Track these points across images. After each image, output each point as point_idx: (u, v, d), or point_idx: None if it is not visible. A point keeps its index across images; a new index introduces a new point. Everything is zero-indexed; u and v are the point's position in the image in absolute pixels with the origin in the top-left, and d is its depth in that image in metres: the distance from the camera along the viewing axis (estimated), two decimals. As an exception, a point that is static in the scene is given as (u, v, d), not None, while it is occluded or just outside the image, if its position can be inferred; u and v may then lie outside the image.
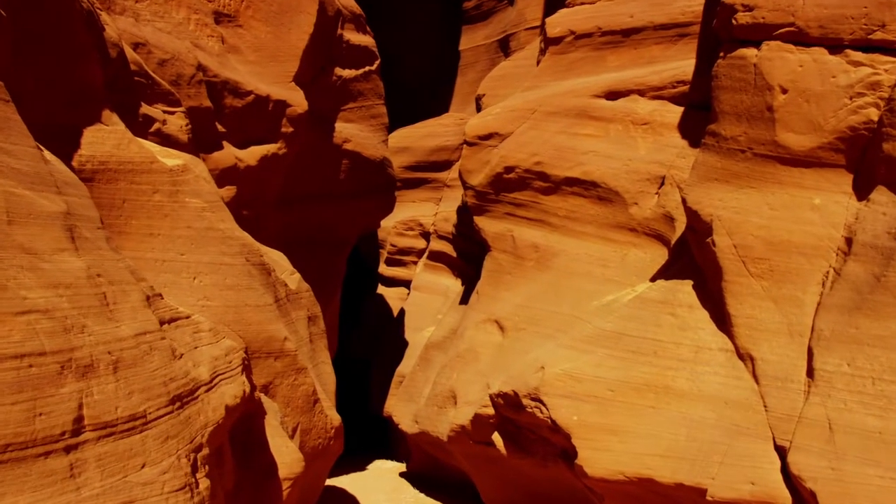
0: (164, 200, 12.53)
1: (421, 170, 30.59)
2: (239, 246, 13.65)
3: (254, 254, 14.16)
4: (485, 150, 21.07)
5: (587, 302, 18.42)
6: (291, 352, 14.09)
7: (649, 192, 18.86)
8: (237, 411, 10.16)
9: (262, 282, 14.07)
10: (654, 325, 14.77)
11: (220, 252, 13.11)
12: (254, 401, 12.04)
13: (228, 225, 13.70)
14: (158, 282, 11.91)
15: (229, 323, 12.70)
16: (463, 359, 20.44)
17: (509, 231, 20.70)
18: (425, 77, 34.47)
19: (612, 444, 14.08)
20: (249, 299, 13.32)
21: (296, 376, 14.17)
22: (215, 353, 9.96)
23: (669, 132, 19.00)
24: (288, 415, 13.96)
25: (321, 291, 23.63)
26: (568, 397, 15.08)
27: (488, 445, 19.01)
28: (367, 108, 24.05)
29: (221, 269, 13.00)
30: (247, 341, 12.94)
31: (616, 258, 19.04)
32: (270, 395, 13.59)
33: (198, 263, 12.63)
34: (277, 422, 13.15)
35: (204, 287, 12.53)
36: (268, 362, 13.48)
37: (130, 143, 12.28)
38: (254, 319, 13.24)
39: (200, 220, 12.97)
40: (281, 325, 14.12)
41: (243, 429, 12.16)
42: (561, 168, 19.79)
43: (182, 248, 12.53)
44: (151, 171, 12.41)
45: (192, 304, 12.25)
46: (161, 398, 7.41)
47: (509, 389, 17.09)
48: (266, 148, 19.70)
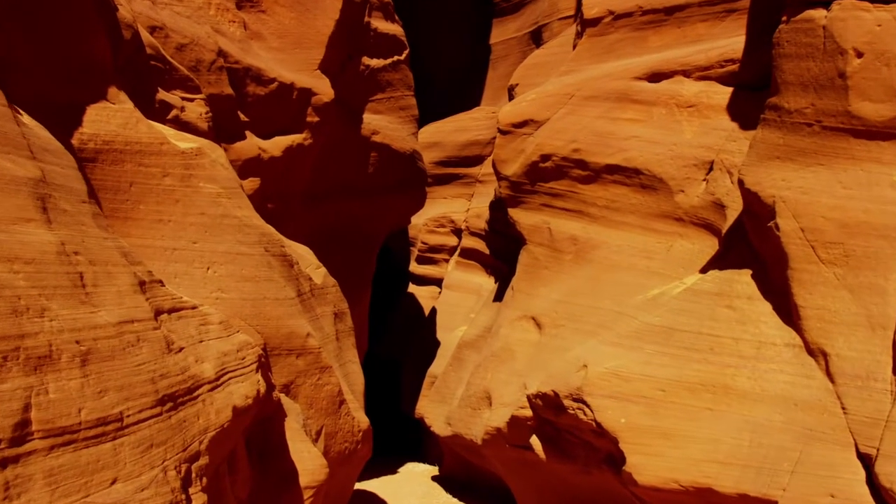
0: (176, 184, 11.32)
1: (452, 165, 29.24)
2: (257, 235, 12.39)
3: (274, 244, 12.90)
4: (519, 139, 19.65)
5: (630, 296, 16.92)
6: (315, 349, 12.79)
7: (696, 178, 17.30)
8: (250, 413, 8.87)
9: (282, 274, 12.80)
10: (710, 319, 13.23)
11: (236, 241, 11.87)
12: (272, 402, 10.75)
13: (246, 213, 12.46)
14: (168, 272, 10.69)
15: (246, 317, 11.43)
16: (498, 358, 19.03)
17: (546, 223, 19.26)
18: (455, 72, 33.13)
19: (664, 450, 12.57)
20: (269, 292, 12.05)
21: (320, 375, 12.88)
22: (225, 349, 8.68)
23: (717, 114, 17.42)
24: (311, 417, 12.66)
25: (350, 289, 22.40)
26: (614, 398, 13.60)
27: (525, 449, 17.57)
28: (395, 100, 22.77)
29: (238, 258, 11.74)
30: (265, 337, 11.67)
31: (661, 250, 17.50)
32: (292, 396, 12.30)
33: (212, 253, 11.40)
34: (299, 424, 11.85)
35: (218, 278, 11.28)
36: (289, 360, 12.20)
37: (139, 122, 11.09)
38: (273, 314, 11.96)
39: (215, 206, 11.74)
40: (303, 321, 12.84)
41: (260, 432, 10.89)
42: (601, 155, 18.31)
43: (195, 235, 11.30)
44: (161, 153, 11.20)
45: (206, 296, 11.01)
46: (146, 398, 6.12)
47: (549, 390, 15.64)
48: (291, 138, 18.49)
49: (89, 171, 10.02)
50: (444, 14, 32.75)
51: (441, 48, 33.00)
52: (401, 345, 28.71)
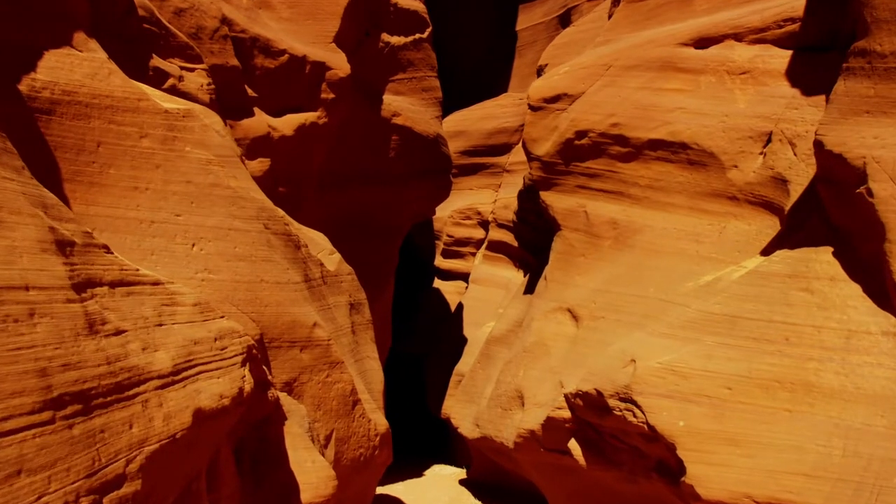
0: (156, 147, 9.29)
1: (478, 154, 27.08)
2: (255, 209, 10.33)
3: (276, 220, 10.83)
4: (552, 115, 17.44)
5: (678, 284, 14.62)
6: (323, 341, 10.70)
7: (752, 151, 14.95)
8: (230, 416, 6.79)
9: (285, 255, 10.73)
10: (783, 305, 10.91)
11: (229, 214, 9.81)
12: (266, 402, 8.66)
13: (243, 184, 10.40)
14: (143, 248, 8.65)
15: (238, 302, 9.36)
16: (530, 353, 16.81)
17: (582, 206, 17.02)
18: (480, 62, 30.98)
19: (733, 458, 10.27)
20: (267, 274, 9.98)
21: (329, 372, 10.77)
22: (196, 336, 6.61)
23: (775, 80, 15.07)
24: (319, 419, 10.55)
25: (371, 283, 20.34)
26: (670, 397, 11.33)
27: (563, 454, 15.32)
28: (418, 80, 20.66)
29: (231, 235, 9.69)
30: (262, 326, 9.59)
31: (712, 232, 15.17)
32: (295, 395, 10.21)
33: (199, 227, 9.35)
34: (303, 429, 9.75)
35: (205, 256, 9.23)
36: (291, 354, 10.11)
37: (111, 74, 9.08)
38: (272, 299, 9.88)
39: (205, 174, 9.70)
40: (310, 309, 10.75)
41: (255, 438, 8.79)
42: (643, 129, 16.04)
43: (178, 207, 9.26)
44: (139, 111, 9.18)
45: (189, 276, 8.96)
46: (23, 398, 4.05)
47: (590, 388, 13.39)
48: (304, 116, 16.46)
49: (43, 126, 8.03)
50: (468, 1, 30.62)
51: (465, 37, 30.87)
52: (426, 342, 26.66)
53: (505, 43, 30.84)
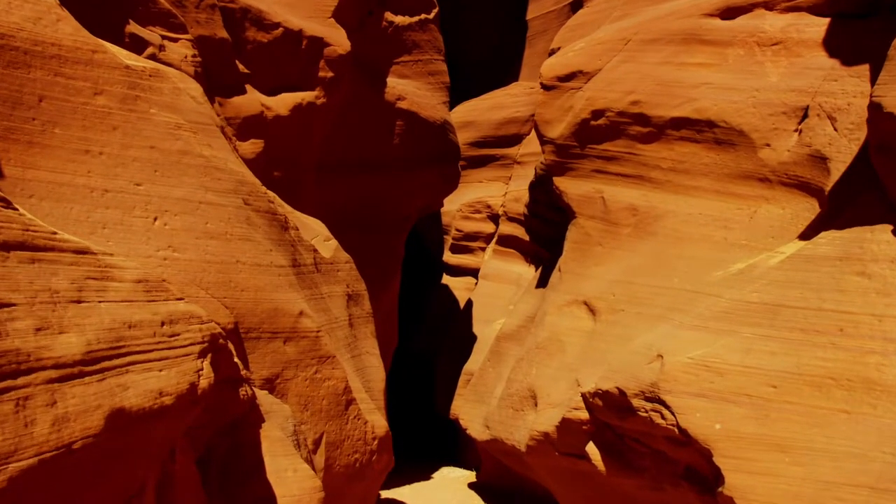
0: (114, 107, 7.86)
1: (488, 146, 25.57)
2: (233, 182, 8.88)
3: (258, 196, 9.37)
4: (566, 95, 15.92)
5: (706, 273, 13.07)
6: (310, 332, 9.22)
7: (786, 129, 13.38)
8: (178, 418, 5.34)
9: (269, 235, 9.27)
10: (835, 292, 9.35)
11: (200, 186, 8.36)
12: (237, 401, 7.19)
13: (220, 154, 8.95)
14: (93, 220, 7.21)
15: (209, 285, 7.90)
16: (544, 350, 15.29)
17: (598, 192, 15.49)
18: (490, 52, 29.49)
19: (781, 467, 8.71)
20: (245, 254, 8.52)
21: (318, 367, 9.30)
22: (133, 318, 5.17)
23: (811, 51, 13.50)
24: (306, 421, 9.08)
25: (376, 276, 18.90)
26: (704, 396, 9.78)
27: (579, 458, 13.80)
28: (424, 63, 19.20)
29: (201, 209, 8.24)
30: (237, 314, 8.13)
31: (741, 217, 13.61)
32: (278, 394, 8.73)
33: (162, 199, 7.91)
34: (286, 432, 8.27)
35: (170, 232, 7.78)
36: (273, 346, 8.64)
37: (60, 21, 7.65)
38: (250, 283, 8.42)
39: (172, 139, 8.25)
40: (297, 296, 9.28)
41: (226, 445, 7.32)
42: (665, 107, 14.50)
43: (138, 175, 7.82)
44: (94, 64, 7.75)
45: (148, 254, 7.51)
46: None
47: (611, 387, 11.86)
48: (300, 95, 15.03)
49: None
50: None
51: (474, 27, 29.39)
52: (434, 340, 25.20)
53: (515, 33, 29.35)
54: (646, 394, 10.78)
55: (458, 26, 27.85)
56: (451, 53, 24.62)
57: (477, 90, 27.44)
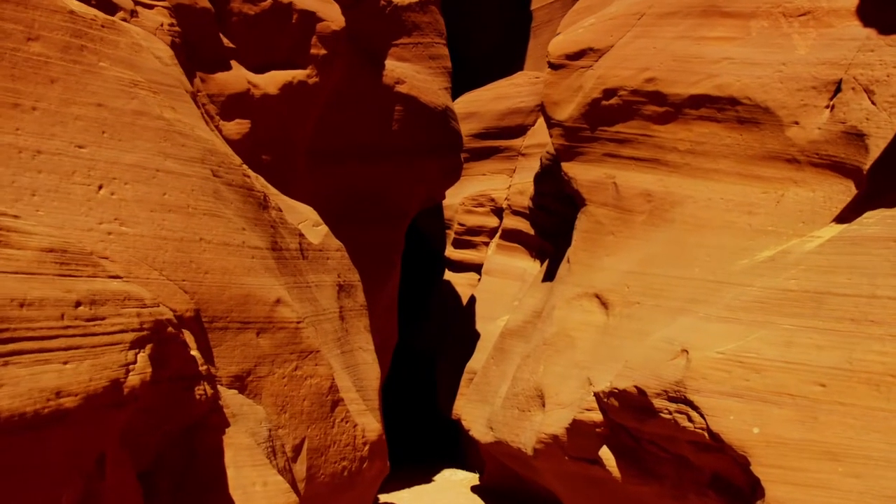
0: (53, 56, 6.53)
1: (491, 137, 24.23)
2: (200, 150, 7.54)
3: (231, 169, 8.03)
4: (575, 74, 14.57)
5: (730, 262, 11.71)
6: (289, 323, 7.87)
7: (816, 104, 12.01)
8: (91, 424, 4.00)
9: (242, 212, 7.93)
10: (891, 276, 7.96)
11: (159, 152, 7.02)
12: (192, 402, 5.83)
13: (185, 119, 7.61)
14: (21, 185, 5.88)
15: (165, 265, 6.55)
16: (552, 346, 13.94)
17: (610, 177, 14.14)
18: (494, 44, 28.17)
19: (833, 478, 7.33)
20: (211, 232, 7.17)
21: (298, 363, 7.95)
22: (31, 295, 3.85)
23: (842, 21, 12.15)
24: (284, 425, 7.72)
25: (375, 270, 17.56)
26: (738, 396, 8.41)
27: (591, 463, 12.45)
28: (424, 46, 17.87)
29: (159, 177, 6.90)
30: (200, 299, 6.78)
31: (767, 201, 12.25)
32: (250, 393, 7.38)
33: (111, 164, 6.57)
34: (259, 439, 6.91)
35: (117, 202, 6.44)
36: (243, 338, 7.29)
37: (-11, -47, 6.32)
38: (216, 265, 7.07)
39: (126, 98, 6.92)
40: (274, 282, 7.93)
41: (179, 454, 5.97)
42: (683, 84, 13.15)
43: (82, 136, 6.49)
44: (27, 5, 6.42)
45: (89, 227, 6.17)
46: None
47: (629, 385, 10.49)
48: (291, 74, 13.69)
49: None
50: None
51: (478, 18, 28.08)
52: (436, 337, 23.87)
53: (519, 24, 28.03)
54: (669, 393, 9.41)
55: (461, 17, 26.56)
56: (455, 44, 23.35)
57: (481, 82, 26.12)
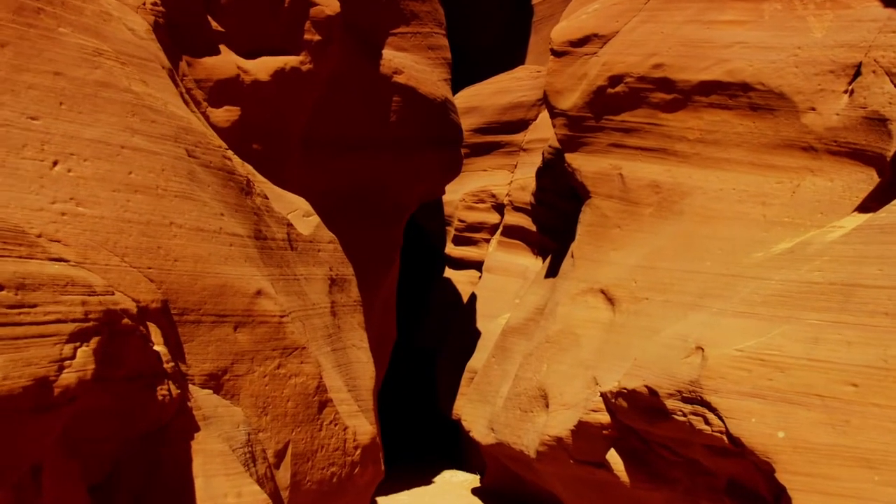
0: (3, 18, 5.79)
1: (492, 132, 23.46)
2: (173, 128, 6.79)
3: (209, 150, 7.28)
4: (579, 61, 13.83)
5: (744, 255, 10.98)
6: (271, 317, 7.12)
7: (834, 89, 11.27)
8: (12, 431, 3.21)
9: (222, 196, 7.18)
10: (928, 265, 7.22)
11: (125, 127, 6.27)
12: (153, 405, 5.08)
13: (158, 94, 6.86)
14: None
15: (128, 250, 5.80)
16: (556, 344, 13.19)
17: (616, 168, 13.40)
18: (495, 39, 27.42)
19: (869, 488, 6.57)
20: (183, 216, 6.42)
21: (281, 361, 7.19)
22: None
23: (861, 2, 11.41)
24: (265, 428, 6.97)
25: (372, 266, 16.82)
26: (760, 397, 7.65)
27: (598, 467, 11.70)
28: (423, 36, 17.14)
29: (123, 155, 6.15)
30: (169, 289, 6.03)
31: (782, 192, 11.52)
32: (226, 393, 6.62)
33: (68, 139, 5.83)
34: (235, 444, 6.16)
35: (74, 181, 5.70)
36: (218, 333, 6.53)
37: None
38: (188, 252, 6.32)
39: (88, 67, 6.18)
40: (254, 272, 7.18)
41: (138, 463, 5.22)
42: (692, 70, 12.41)
43: (35, 106, 5.75)
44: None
45: (39, 207, 5.43)
46: None
47: (639, 385, 9.74)
48: (283, 60, 12.96)
49: None
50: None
51: (478, 12, 27.32)
52: (436, 336, 23.09)
53: (520, 19, 27.28)
54: (683, 393, 8.65)
55: (462, 11, 25.82)
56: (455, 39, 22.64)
57: (481, 78, 25.37)
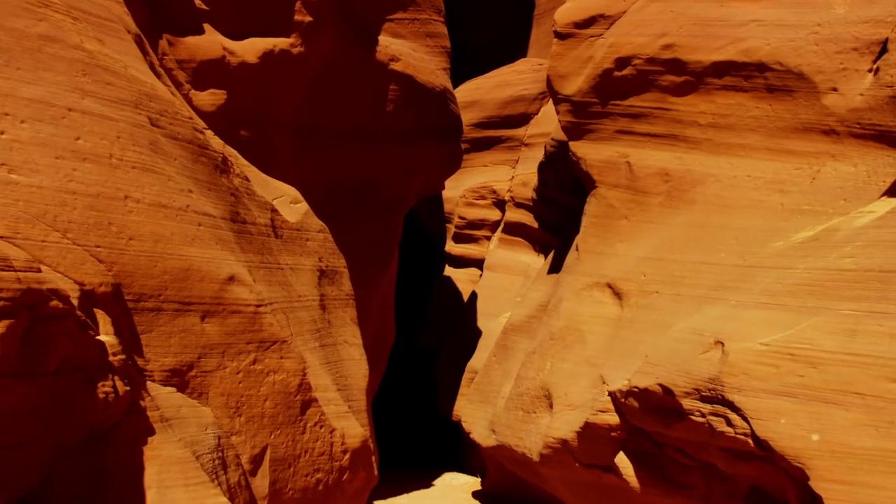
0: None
1: (493, 127, 22.61)
2: (133, 93, 5.95)
3: (175, 119, 6.43)
4: (585, 43, 13.00)
5: (761, 245, 10.13)
6: (245, 306, 6.27)
7: (858, 68, 10.43)
8: None
9: (188, 171, 6.33)
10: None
11: (72, 87, 5.44)
12: (91, 404, 4.22)
13: (115, 55, 6.02)
14: None
15: (72, 226, 4.97)
16: (560, 342, 12.34)
17: (623, 156, 12.57)
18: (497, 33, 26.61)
19: (920, 498, 5.70)
20: (141, 189, 5.58)
21: (257, 355, 6.34)
22: None
23: (886, -25, 10.55)
24: (240, 431, 6.11)
25: (370, 262, 15.99)
26: (790, 395, 6.79)
27: (606, 471, 10.84)
28: (421, 23, 16.31)
29: (70, 118, 5.32)
30: (121, 271, 5.19)
31: (801, 178, 10.67)
32: (193, 391, 5.77)
33: (2, 97, 4.98)
34: (202, 449, 5.32)
35: (8, 146, 4.87)
36: (183, 322, 5.68)
37: None
38: (145, 229, 5.48)
39: (31, 19, 5.35)
40: (227, 256, 6.33)
41: (75, 473, 4.35)
42: (705, 50, 11.58)
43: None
44: None
45: (-36, 174, 4.57)
46: None
47: (652, 383, 8.87)
48: (272, 42, 12.13)
49: None
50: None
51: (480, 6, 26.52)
52: (436, 335, 22.24)
53: (522, 12, 26.48)
54: (702, 392, 7.78)
55: (463, 6, 25.03)
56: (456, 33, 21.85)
57: (482, 72, 24.55)
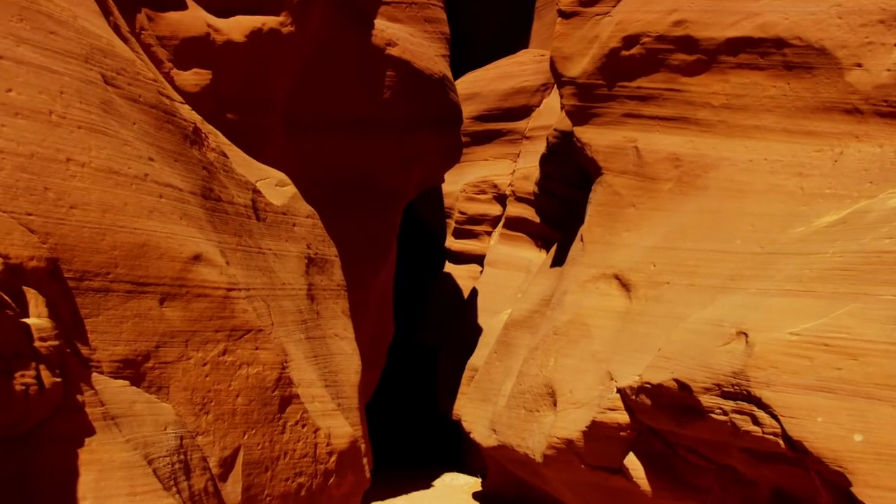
0: None
1: (493, 119, 21.83)
2: (83, 46, 5.16)
3: (136, 80, 5.64)
4: (590, 22, 12.22)
5: (781, 231, 9.34)
6: (214, 288, 5.47)
7: (884, 42, 9.65)
8: None
9: (150, 138, 5.54)
10: None
11: (4, 33, 4.63)
12: (10, 399, 3.38)
13: (61, 3, 5.23)
14: None
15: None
16: (564, 336, 11.54)
17: (631, 141, 11.77)
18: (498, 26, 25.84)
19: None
20: (87, 153, 4.78)
21: (227, 345, 5.55)
22: None
23: (913, -58, 9.76)
24: (207, 430, 5.31)
25: (367, 256, 15.22)
26: (826, 390, 5.99)
27: (614, 473, 10.04)
28: (419, 7, 15.55)
29: (3, 68, 4.51)
30: (61, 244, 4.39)
31: (822, 160, 9.87)
32: (150, 385, 4.96)
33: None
34: (160, 451, 4.51)
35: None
36: (137, 306, 4.88)
37: None
38: (91, 197, 4.68)
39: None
40: (193, 233, 5.53)
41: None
42: (718, 26, 10.79)
43: None
44: None
45: None
46: None
47: (666, 379, 8.06)
48: (260, 20, 11.35)
49: None
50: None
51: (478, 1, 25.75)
52: (436, 333, 21.47)
53: (523, 5, 25.71)
54: (724, 387, 6.98)
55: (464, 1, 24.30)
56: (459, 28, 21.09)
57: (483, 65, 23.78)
